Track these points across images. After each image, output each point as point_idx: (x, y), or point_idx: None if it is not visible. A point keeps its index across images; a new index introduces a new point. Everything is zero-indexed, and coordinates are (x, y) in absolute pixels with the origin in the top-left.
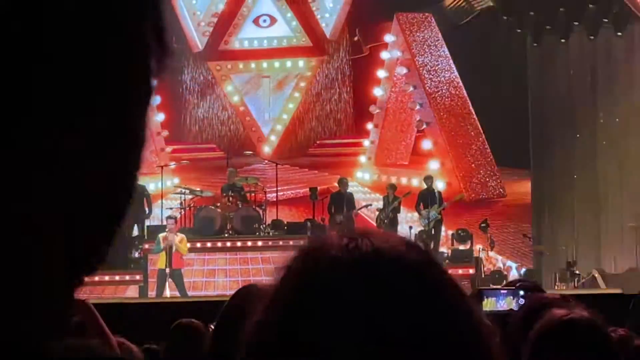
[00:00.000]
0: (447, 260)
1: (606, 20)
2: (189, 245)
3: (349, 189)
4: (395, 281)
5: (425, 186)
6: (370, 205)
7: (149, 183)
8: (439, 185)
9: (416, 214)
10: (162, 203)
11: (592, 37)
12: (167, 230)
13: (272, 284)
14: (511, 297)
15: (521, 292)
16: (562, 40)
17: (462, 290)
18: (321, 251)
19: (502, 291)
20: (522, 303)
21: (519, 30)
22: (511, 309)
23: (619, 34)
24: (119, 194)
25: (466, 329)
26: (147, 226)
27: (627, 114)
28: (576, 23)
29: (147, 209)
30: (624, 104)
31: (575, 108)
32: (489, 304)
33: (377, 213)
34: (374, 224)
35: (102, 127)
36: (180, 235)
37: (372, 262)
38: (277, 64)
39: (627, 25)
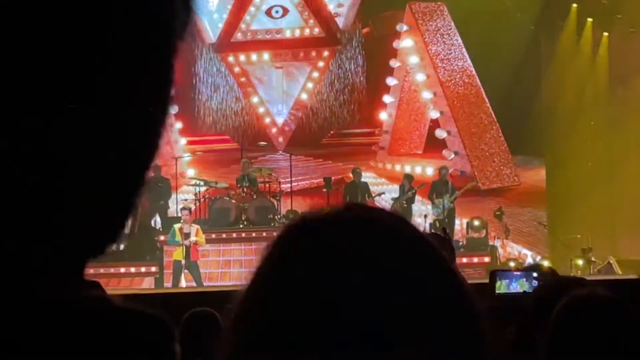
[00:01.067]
0: (462, 249)
1: (620, 16)
2: (204, 236)
3: (364, 179)
4: (381, 251)
5: (440, 176)
6: (383, 193)
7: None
8: (454, 174)
9: (430, 205)
10: (176, 195)
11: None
12: (182, 221)
13: (258, 260)
14: (524, 280)
15: (534, 275)
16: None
17: (451, 267)
18: (302, 222)
19: (515, 273)
20: (537, 285)
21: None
22: (525, 291)
23: (632, 29)
24: (140, 172)
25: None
26: (162, 218)
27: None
28: (590, 19)
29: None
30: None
31: (586, 96)
32: (502, 287)
33: (391, 202)
34: None
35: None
36: (195, 226)
37: (358, 230)
38: (290, 54)
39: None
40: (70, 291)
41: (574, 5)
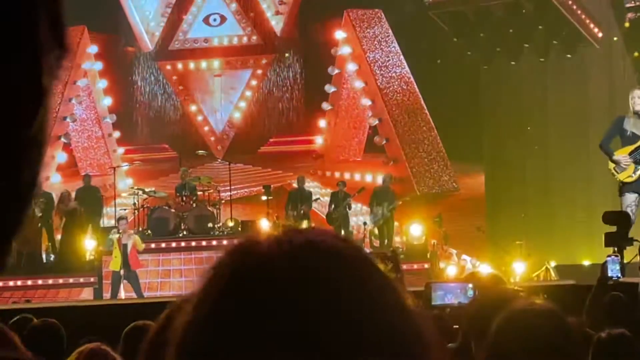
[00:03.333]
0: (401, 256)
1: (556, 42)
2: (143, 245)
3: (305, 187)
4: (328, 274)
5: (382, 183)
6: (319, 198)
7: (101, 185)
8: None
9: (369, 211)
10: (115, 204)
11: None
12: (120, 231)
13: (201, 283)
14: (459, 291)
15: (470, 286)
16: (512, 63)
17: (394, 285)
18: (251, 247)
19: (450, 285)
20: (472, 297)
21: (469, 53)
22: (459, 302)
23: (569, 55)
24: (12, 202)
25: (401, 324)
26: (100, 228)
27: (576, 111)
28: (526, 45)
29: (100, 211)
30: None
31: (525, 107)
32: (437, 298)
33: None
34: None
35: None
36: (134, 236)
37: (304, 254)
38: (228, 62)
39: (576, 47)
40: None
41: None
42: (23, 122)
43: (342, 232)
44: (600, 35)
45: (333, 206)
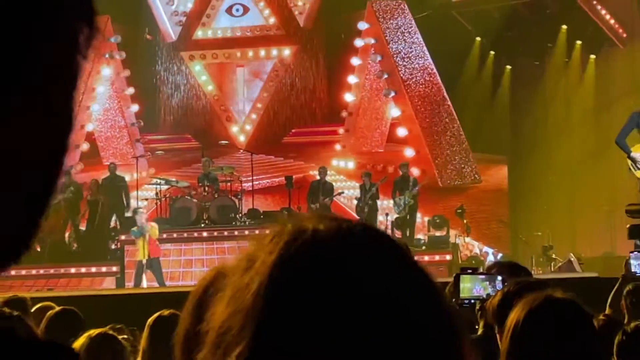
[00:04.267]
0: (423, 247)
1: (579, 42)
2: (164, 235)
3: (327, 177)
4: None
5: (401, 173)
6: (343, 192)
7: (125, 174)
8: (414, 172)
9: (392, 202)
10: (137, 194)
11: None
12: (141, 223)
13: (244, 267)
14: (487, 283)
15: (499, 278)
16: (536, 63)
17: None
18: (299, 230)
19: (479, 276)
20: (500, 288)
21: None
22: (488, 294)
23: (593, 55)
24: (44, 177)
25: (435, 316)
26: (122, 217)
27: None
28: (550, 45)
29: (125, 201)
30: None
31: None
32: (466, 290)
33: (354, 202)
34: (350, 211)
35: (26, 106)
36: (153, 224)
37: (351, 241)
38: (250, 53)
39: (601, 47)
40: None
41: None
42: (62, 100)
43: (370, 222)
44: (624, 35)
45: (360, 197)
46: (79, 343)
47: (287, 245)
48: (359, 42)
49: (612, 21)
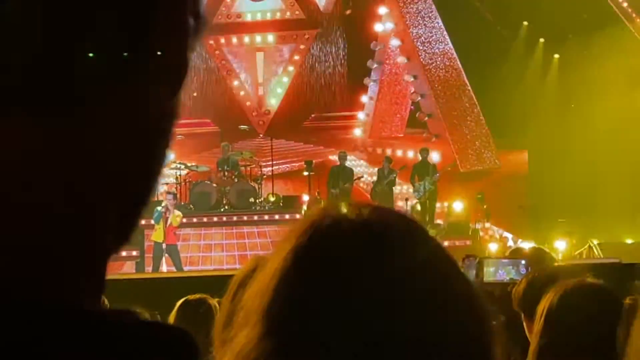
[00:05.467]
0: (443, 232)
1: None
2: (184, 220)
3: (347, 163)
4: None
5: (420, 158)
6: (362, 177)
7: None
8: (434, 157)
9: (412, 188)
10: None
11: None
12: (164, 205)
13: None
14: (511, 267)
15: (522, 262)
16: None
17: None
18: (331, 221)
19: (503, 261)
20: (525, 273)
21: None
22: (511, 279)
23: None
24: (153, 165)
25: (462, 299)
26: None
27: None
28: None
29: None
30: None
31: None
32: (489, 274)
33: (372, 186)
34: (369, 196)
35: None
36: (178, 212)
37: (379, 229)
38: (270, 37)
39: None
40: (91, 301)
41: None
42: (171, 95)
43: None
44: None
45: (376, 182)
46: None
47: (303, 236)
48: (379, 27)
49: (633, 15)
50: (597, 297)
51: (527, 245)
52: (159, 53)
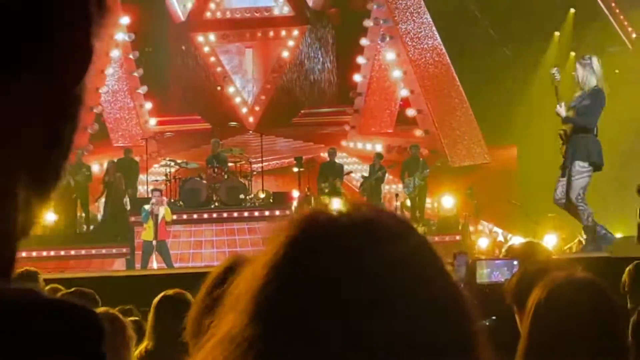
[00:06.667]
0: (433, 228)
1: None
2: (174, 217)
3: (339, 160)
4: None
5: (411, 154)
6: (352, 172)
7: (135, 156)
8: (424, 152)
9: (401, 184)
10: (147, 175)
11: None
12: (152, 202)
13: (267, 256)
14: (506, 268)
15: (514, 262)
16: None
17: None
18: (315, 221)
19: (497, 262)
20: (515, 272)
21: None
22: (506, 280)
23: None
24: (54, 152)
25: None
26: (132, 199)
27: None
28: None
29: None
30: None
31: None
32: (483, 276)
33: (361, 181)
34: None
35: (37, 83)
36: (165, 207)
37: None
38: (259, 33)
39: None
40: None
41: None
42: (74, 80)
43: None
44: (634, 35)
45: (366, 178)
46: None
47: (295, 229)
48: (368, 23)
49: (625, 22)
50: (586, 292)
51: (519, 240)
52: (61, 40)
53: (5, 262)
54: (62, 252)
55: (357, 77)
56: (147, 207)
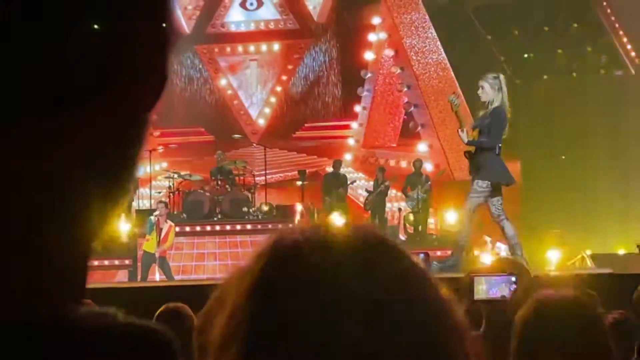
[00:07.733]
0: (435, 243)
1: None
2: (177, 229)
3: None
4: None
5: (413, 169)
6: (355, 182)
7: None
8: (427, 167)
9: (402, 201)
10: (150, 187)
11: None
12: (156, 214)
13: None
14: (503, 285)
15: (513, 278)
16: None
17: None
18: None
19: (495, 278)
20: (513, 289)
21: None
22: (503, 296)
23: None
24: (125, 173)
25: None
26: (136, 210)
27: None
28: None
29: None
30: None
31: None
32: (481, 292)
33: (366, 194)
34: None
35: (111, 107)
36: (170, 223)
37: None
38: (264, 47)
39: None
40: (70, 307)
41: None
42: (148, 105)
43: (377, 218)
44: (637, 61)
45: (371, 192)
46: None
47: (262, 258)
48: (372, 37)
49: (628, 46)
50: (572, 310)
51: (504, 255)
52: (141, 65)
53: (80, 284)
54: None
55: (361, 91)
56: (152, 218)
